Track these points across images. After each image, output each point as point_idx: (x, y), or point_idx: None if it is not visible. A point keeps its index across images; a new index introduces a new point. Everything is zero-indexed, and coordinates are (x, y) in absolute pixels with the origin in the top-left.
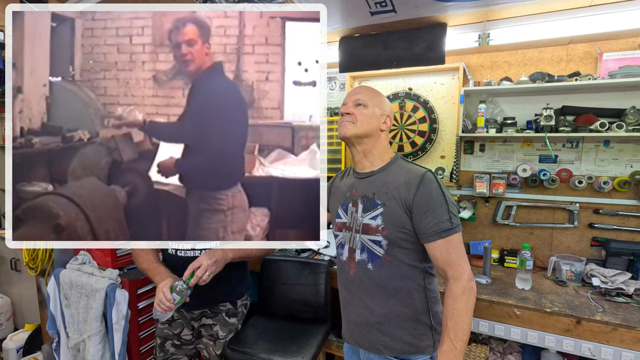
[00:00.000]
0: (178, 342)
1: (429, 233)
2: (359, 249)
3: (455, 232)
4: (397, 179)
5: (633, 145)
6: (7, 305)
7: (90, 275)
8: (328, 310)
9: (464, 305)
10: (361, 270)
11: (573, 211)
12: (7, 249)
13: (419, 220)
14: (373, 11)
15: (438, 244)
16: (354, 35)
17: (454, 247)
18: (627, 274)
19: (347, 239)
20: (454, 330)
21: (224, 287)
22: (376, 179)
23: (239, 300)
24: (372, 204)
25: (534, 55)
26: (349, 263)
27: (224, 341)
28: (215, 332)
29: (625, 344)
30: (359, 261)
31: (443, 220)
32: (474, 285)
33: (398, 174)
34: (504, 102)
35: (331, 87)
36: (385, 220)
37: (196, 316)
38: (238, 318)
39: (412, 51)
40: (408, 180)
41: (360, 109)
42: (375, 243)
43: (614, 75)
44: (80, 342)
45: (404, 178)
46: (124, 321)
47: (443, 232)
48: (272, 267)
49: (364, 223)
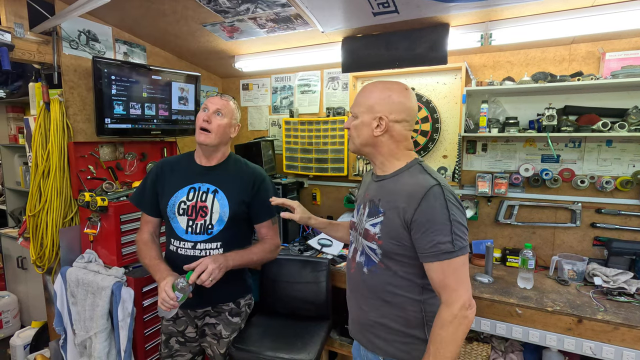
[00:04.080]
0: (182, 339)
1: (426, 253)
2: (359, 251)
3: (455, 255)
4: (402, 188)
5: (635, 145)
6: (14, 303)
7: (97, 273)
8: (329, 307)
9: (450, 334)
10: (358, 272)
11: (575, 211)
12: (14, 247)
13: (418, 237)
14: (375, 12)
15: (434, 265)
16: (357, 35)
17: (452, 271)
18: (629, 274)
19: (355, 238)
20: (435, 355)
21: (225, 289)
22: (385, 184)
23: (242, 300)
24: (376, 210)
25: (536, 55)
26: (351, 262)
27: (227, 340)
28: (219, 331)
29: (626, 343)
30: (358, 262)
31: (444, 241)
32: (470, 314)
33: (405, 183)
34: (507, 102)
35: (334, 87)
36: (382, 229)
37: (200, 315)
38: (242, 318)
39: (414, 51)
40: (412, 192)
41: (354, 122)
42: (371, 250)
43: (617, 75)
44: (87, 339)
45: (408, 189)
46: (129, 318)
47: (442, 254)
48: (274, 266)
49: (365, 228)
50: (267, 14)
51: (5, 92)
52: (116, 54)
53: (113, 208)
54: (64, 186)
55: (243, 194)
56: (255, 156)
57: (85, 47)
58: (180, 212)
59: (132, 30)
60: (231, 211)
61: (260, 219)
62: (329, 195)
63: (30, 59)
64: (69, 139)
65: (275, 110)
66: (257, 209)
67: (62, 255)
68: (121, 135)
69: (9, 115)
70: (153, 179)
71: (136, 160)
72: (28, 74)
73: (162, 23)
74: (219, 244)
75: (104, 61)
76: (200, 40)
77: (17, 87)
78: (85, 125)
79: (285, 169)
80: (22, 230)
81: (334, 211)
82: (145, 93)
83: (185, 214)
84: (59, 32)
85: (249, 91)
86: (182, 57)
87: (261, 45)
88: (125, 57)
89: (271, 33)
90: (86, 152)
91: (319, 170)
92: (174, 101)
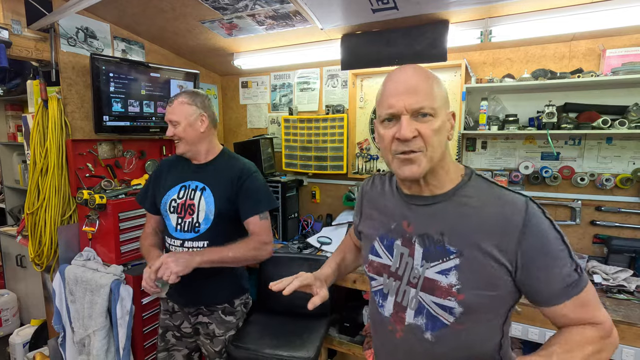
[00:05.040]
0: (178, 334)
1: (553, 294)
2: (412, 309)
3: (585, 284)
4: (480, 212)
5: (635, 142)
6: (13, 301)
7: (95, 271)
8: (328, 304)
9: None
10: (414, 338)
11: (575, 208)
12: (14, 245)
13: (535, 277)
14: (375, 8)
15: (567, 306)
16: (356, 32)
17: (589, 301)
18: (628, 271)
19: (393, 289)
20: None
21: (215, 289)
22: (443, 209)
23: (236, 300)
24: (440, 250)
25: (536, 52)
26: (393, 322)
27: (222, 338)
28: (212, 330)
29: (626, 340)
30: (411, 325)
31: (569, 273)
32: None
33: (480, 203)
34: (506, 99)
35: (333, 84)
36: (462, 277)
37: (193, 312)
38: (237, 317)
39: (414, 48)
40: (501, 215)
41: (431, 123)
42: (442, 308)
43: (617, 71)
44: (86, 337)
45: (493, 211)
46: (128, 316)
47: (571, 288)
48: (271, 265)
49: (427, 277)
50: (266, 11)
51: (3, 90)
52: (114, 51)
53: (111, 206)
54: (62, 184)
55: (229, 190)
56: (255, 154)
57: (83, 44)
58: (172, 209)
59: (130, 27)
60: (217, 209)
61: (245, 214)
62: (328, 193)
63: (27, 56)
64: (67, 136)
65: (274, 108)
66: (242, 204)
67: (61, 253)
68: (120, 133)
69: (8, 113)
70: (153, 178)
71: (135, 158)
72: (26, 72)
73: (160, 20)
74: (206, 242)
75: (102, 58)
76: (199, 37)
77: (16, 85)
78: (83, 122)
79: (284, 166)
80: (20, 228)
81: (333, 209)
82: (144, 90)
83: (175, 211)
84: (56, 29)
85: (248, 89)
86: (180, 54)
87: (260, 43)
88: (124, 54)
89: (270, 30)
90: (84, 150)
91: (318, 168)
92: None
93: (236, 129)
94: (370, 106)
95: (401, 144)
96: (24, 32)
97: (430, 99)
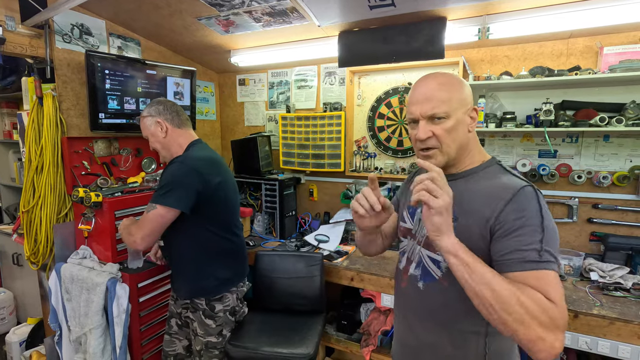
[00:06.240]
0: (180, 322)
1: (504, 260)
2: (415, 262)
3: (543, 267)
4: (482, 189)
5: (633, 139)
6: (10, 300)
7: (91, 269)
8: (324, 301)
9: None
10: (411, 286)
11: (572, 206)
12: (10, 244)
13: (497, 243)
14: (372, 5)
15: (518, 276)
16: (353, 29)
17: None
18: (625, 269)
19: (409, 248)
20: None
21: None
22: (457, 184)
23: (216, 304)
24: None
25: (534, 50)
26: (402, 274)
27: (202, 340)
28: (194, 328)
29: (622, 337)
30: (411, 275)
31: (530, 248)
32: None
33: (485, 184)
34: (504, 97)
35: (331, 82)
36: None
37: (183, 304)
38: (217, 322)
39: (411, 45)
40: (496, 193)
41: (444, 124)
42: (433, 262)
43: (614, 69)
44: (82, 336)
45: (491, 190)
46: (124, 315)
47: (527, 262)
48: (266, 262)
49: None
50: (263, 8)
51: None
52: (110, 48)
53: (107, 204)
54: (58, 182)
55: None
56: (252, 152)
57: (78, 41)
58: None
59: (126, 23)
60: None
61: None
62: (326, 191)
63: (22, 52)
64: (62, 134)
65: (272, 105)
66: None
67: (57, 252)
68: (116, 131)
69: (3, 111)
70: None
71: (131, 156)
72: (21, 69)
73: (156, 16)
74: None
75: (97, 55)
76: (196, 34)
77: (11, 82)
78: (79, 120)
79: (282, 164)
80: (16, 226)
81: (331, 207)
82: (140, 88)
83: None
84: (51, 25)
85: (245, 86)
86: (177, 51)
87: (257, 40)
88: (120, 51)
89: (267, 27)
90: (80, 148)
91: (316, 165)
92: (170, 96)
93: (233, 126)
94: (367, 104)
95: (420, 143)
96: (18, 28)
97: (444, 104)
